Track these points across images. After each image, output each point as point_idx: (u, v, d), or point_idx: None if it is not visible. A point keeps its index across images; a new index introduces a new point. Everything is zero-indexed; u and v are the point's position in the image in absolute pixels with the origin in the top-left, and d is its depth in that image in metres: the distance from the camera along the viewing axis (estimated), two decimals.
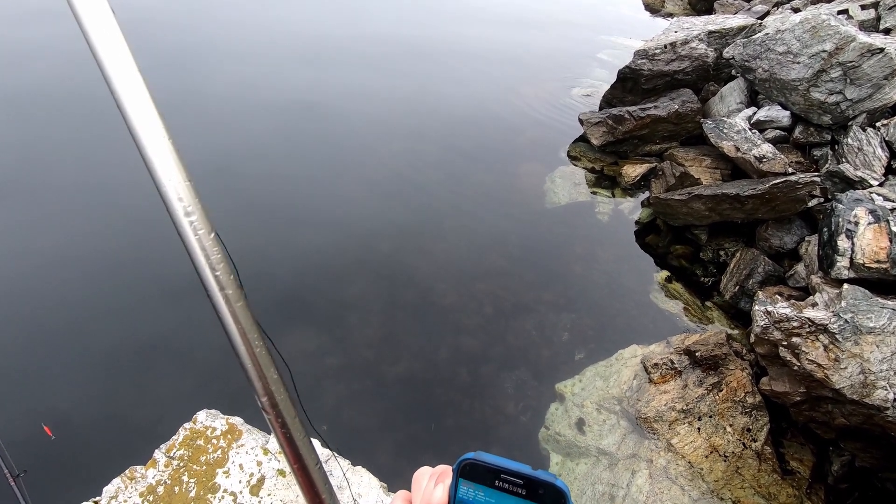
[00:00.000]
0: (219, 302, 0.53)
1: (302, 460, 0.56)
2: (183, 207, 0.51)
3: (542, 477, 0.47)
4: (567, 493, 0.46)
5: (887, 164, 4.98)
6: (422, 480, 0.53)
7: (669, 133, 6.90)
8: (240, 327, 0.53)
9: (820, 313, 3.76)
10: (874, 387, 3.45)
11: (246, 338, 0.54)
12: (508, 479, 0.47)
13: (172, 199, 0.51)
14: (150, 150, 0.51)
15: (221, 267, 0.52)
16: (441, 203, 6.57)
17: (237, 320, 0.53)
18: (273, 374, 0.55)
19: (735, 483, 3.78)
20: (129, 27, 0.52)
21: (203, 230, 0.52)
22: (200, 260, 0.52)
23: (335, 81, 8.83)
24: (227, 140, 7.03)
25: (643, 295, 5.46)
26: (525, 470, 0.47)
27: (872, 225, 3.98)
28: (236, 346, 0.54)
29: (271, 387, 0.55)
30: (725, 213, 5.46)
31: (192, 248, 0.51)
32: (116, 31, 0.50)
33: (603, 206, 6.63)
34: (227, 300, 0.53)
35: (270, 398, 0.55)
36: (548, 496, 0.46)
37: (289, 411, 0.56)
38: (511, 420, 4.37)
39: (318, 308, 5.08)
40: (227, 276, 0.53)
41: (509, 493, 0.47)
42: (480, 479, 0.48)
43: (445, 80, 9.27)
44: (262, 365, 0.54)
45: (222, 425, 1.74)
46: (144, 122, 0.51)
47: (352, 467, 1.66)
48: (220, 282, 0.52)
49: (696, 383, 4.27)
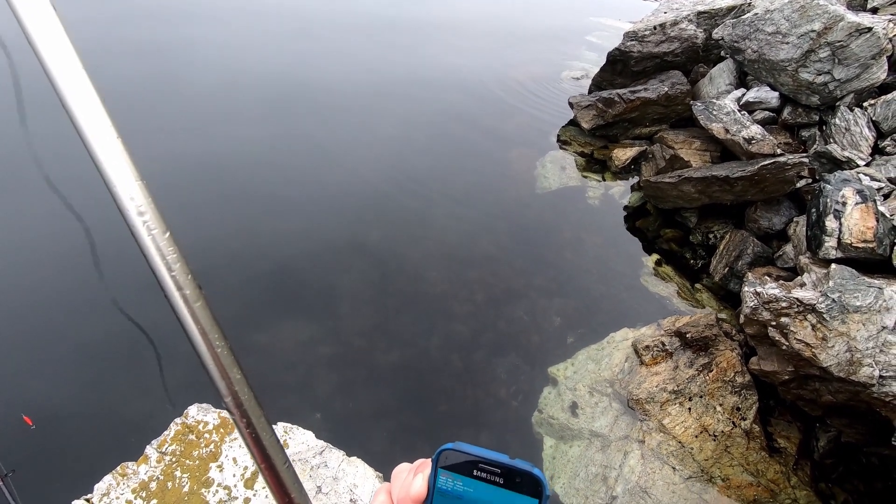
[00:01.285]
0: (177, 302, 0.51)
1: (269, 459, 0.55)
2: (135, 207, 0.49)
3: (520, 466, 0.48)
4: (544, 481, 0.47)
5: (874, 143, 5.01)
6: (401, 475, 0.53)
7: (659, 116, 6.88)
8: (199, 327, 0.52)
9: (808, 293, 3.80)
10: (860, 364, 3.51)
11: (206, 338, 0.52)
12: (486, 469, 0.48)
13: (124, 199, 0.49)
14: (100, 151, 0.49)
15: (178, 267, 0.50)
16: (431, 190, 6.52)
17: (196, 320, 0.52)
18: (236, 373, 0.54)
19: (724, 461, 3.85)
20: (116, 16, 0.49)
21: (157, 230, 0.50)
22: (156, 260, 0.50)
23: (321, 63, 8.67)
24: (212, 127, 6.90)
25: (634, 278, 5.50)
26: (502, 459, 0.48)
27: (860, 205, 4.02)
28: (197, 347, 0.52)
29: (235, 387, 0.53)
30: (715, 196, 5.48)
31: (147, 249, 0.50)
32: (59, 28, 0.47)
33: (593, 191, 6.62)
34: (185, 300, 0.51)
35: (234, 398, 0.53)
36: (525, 484, 0.47)
37: (254, 410, 0.55)
38: (504, 405, 4.40)
39: (308, 297, 5.04)
40: (185, 276, 0.51)
41: (487, 482, 0.47)
42: (459, 468, 0.48)
43: (434, 64, 9.14)
44: (225, 365, 0.53)
45: (214, 419, 1.72)
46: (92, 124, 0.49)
47: (347, 458, 1.65)
48: (177, 282, 0.51)
49: (687, 364, 4.32)
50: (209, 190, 5.96)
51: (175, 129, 6.75)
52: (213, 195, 5.90)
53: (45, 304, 4.53)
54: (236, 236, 5.45)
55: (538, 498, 0.47)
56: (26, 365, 4.08)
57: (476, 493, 0.48)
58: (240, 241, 5.40)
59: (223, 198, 5.89)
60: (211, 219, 5.63)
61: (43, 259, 4.87)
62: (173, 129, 6.77)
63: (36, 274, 4.77)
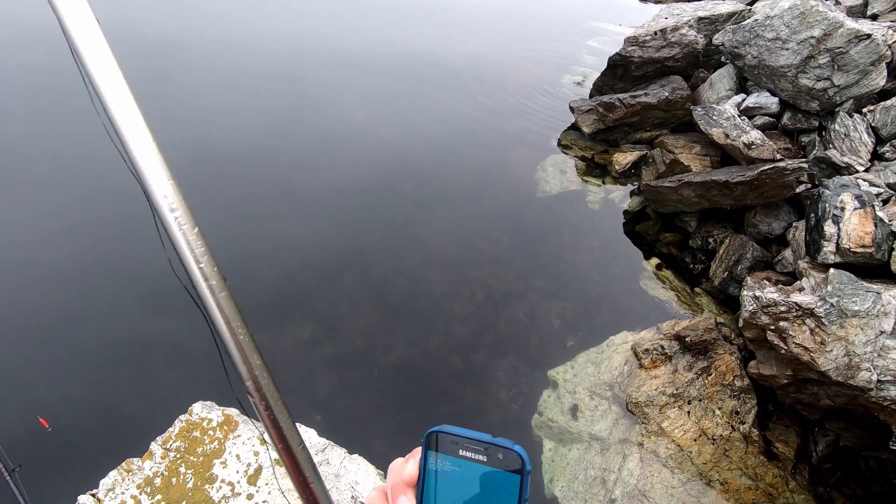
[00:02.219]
0: (204, 292, 0.55)
1: (286, 440, 0.59)
2: (168, 204, 0.53)
3: (501, 443, 0.51)
4: (524, 456, 0.50)
5: (873, 149, 5.04)
6: (395, 467, 0.56)
7: (660, 120, 6.91)
8: (224, 315, 0.56)
9: (807, 298, 3.82)
10: (858, 368, 3.53)
11: (230, 325, 0.56)
12: (470, 447, 0.51)
13: (158, 196, 0.53)
14: (137, 153, 0.53)
15: (205, 259, 0.54)
16: (432, 191, 6.55)
17: (221, 309, 0.56)
18: (256, 359, 0.58)
19: (723, 465, 3.87)
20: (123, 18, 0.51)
21: (187, 225, 0.54)
22: (186, 253, 0.54)
23: (322, 66, 8.72)
24: (213, 128, 6.94)
25: (633, 282, 5.52)
26: (485, 438, 0.51)
27: (858, 210, 4.04)
28: (222, 334, 0.57)
29: (255, 372, 0.58)
30: (715, 200, 5.51)
31: (178, 242, 0.54)
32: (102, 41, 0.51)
33: (594, 195, 6.65)
34: (211, 290, 0.55)
35: (255, 382, 0.57)
36: (507, 460, 0.50)
37: (272, 395, 0.59)
38: (504, 407, 4.42)
39: (310, 298, 5.07)
40: (211, 268, 0.55)
41: (472, 460, 0.51)
42: (446, 448, 0.52)
43: (435, 67, 9.19)
44: (247, 351, 0.57)
45: (218, 416, 1.75)
46: (131, 128, 0.53)
47: (349, 455, 1.67)
48: (204, 273, 0.55)
49: (686, 368, 4.34)
50: (209, 192, 5.99)
51: (177, 130, 6.80)
52: (214, 197, 5.94)
53: (52, 304, 4.56)
54: (237, 238, 5.48)
55: (520, 473, 0.50)
56: (33, 362, 4.11)
57: (462, 471, 0.51)
58: (241, 243, 5.43)
59: (224, 199, 5.92)
60: (212, 220, 5.66)
61: (48, 261, 4.90)
62: (175, 129, 6.81)
63: (42, 274, 4.80)
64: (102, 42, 0.51)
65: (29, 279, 4.72)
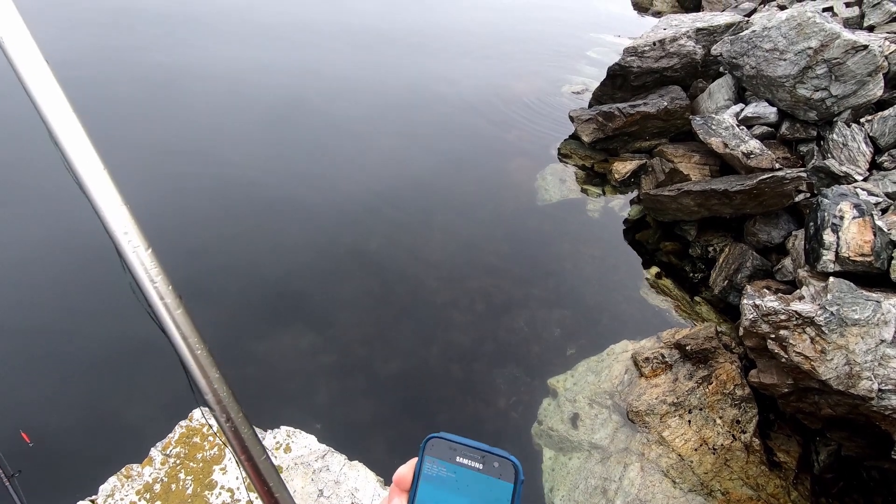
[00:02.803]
0: (160, 310, 0.57)
1: (248, 451, 0.60)
2: (121, 228, 0.55)
3: (497, 452, 0.52)
4: (518, 466, 0.51)
5: (871, 159, 5.07)
6: None
7: (659, 130, 6.96)
8: (181, 332, 0.58)
9: (807, 306, 3.82)
10: (859, 377, 3.53)
11: (187, 342, 0.58)
12: (467, 454, 0.52)
13: (111, 221, 0.55)
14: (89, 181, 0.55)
15: (159, 279, 0.56)
16: (432, 200, 6.58)
17: (178, 326, 0.57)
18: (215, 373, 0.59)
19: (724, 475, 3.84)
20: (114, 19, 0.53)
21: (140, 246, 0.55)
22: (139, 273, 0.56)
23: (322, 75, 8.79)
24: (211, 134, 6.98)
25: (633, 290, 5.52)
26: (482, 446, 0.53)
27: (857, 219, 4.06)
28: (179, 350, 0.58)
29: (214, 385, 0.59)
30: (714, 209, 5.53)
31: (131, 263, 0.55)
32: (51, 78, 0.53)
33: (593, 203, 6.68)
34: (167, 308, 0.56)
35: (214, 394, 0.58)
36: (502, 469, 0.51)
37: (232, 406, 0.60)
38: (504, 415, 4.40)
39: (310, 306, 5.07)
40: (166, 287, 0.57)
41: (468, 467, 0.52)
42: (443, 455, 0.53)
43: (435, 76, 9.27)
44: (205, 365, 0.58)
45: None
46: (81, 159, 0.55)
47: (348, 462, 1.67)
48: (159, 292, 0.56)
49: (687, 377, 4.33)
50: (210, 201, 6.02)
51: (176, 141, 6.84)
52: (215, 206, 5.96)
53: (52, 310, 4.57)
54: (238, 246, 5.50)
55: (513, 482, 0.51)
56: (32, 369, 4.10)
57: (457, 477, 0.52)
58: (241, 251, 5.44)
59: (224, 208, 5.95)
60: (212, 229, 5.68)
61: (46, 267, 4.91)
62: (175, 140, 6.86)
63: (42, 279, 4.81)
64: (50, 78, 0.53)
65: (27, 286, 4.73)
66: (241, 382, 4.19)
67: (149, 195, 5.80)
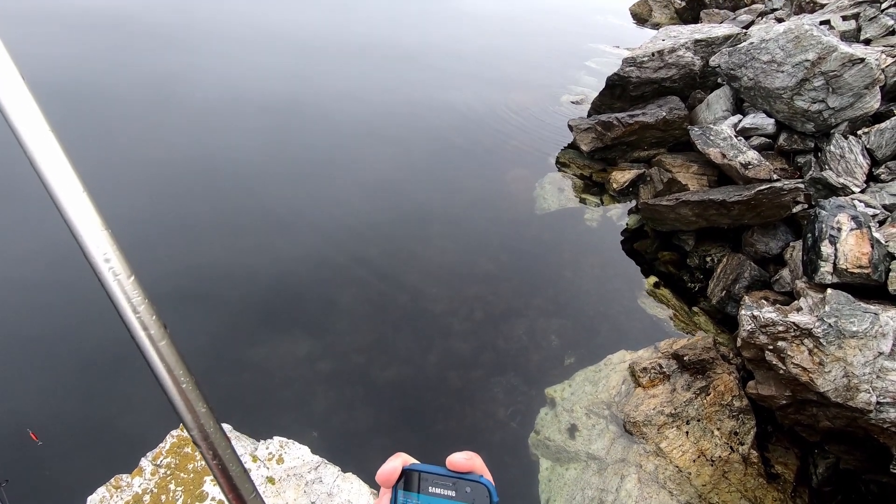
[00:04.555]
0: (143, 342, 0.55)
1: (237, 490, 0.58)
2: (101, 255, 0.53)
3: (468, 477, 0.52)
4: (491, 488, 0.51)
5: (868, 171, 5.09)
6: None
7: (657, 139, 6.98)
8: (165, 365, 0.55)
9: (805, 318, 3.82)
10: (857, 390, 3.51)
11: (172, 374, 0.56)
12: (438, 483, 0.52)
13: (91, 247, 0.53)
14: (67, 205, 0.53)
15: (143, 308, 0.54)
16: (431, 209, 6.58)
17: (162, 358, 0.55)
18: (202, 407, 0.57)
19: (722, 487, 3.81)
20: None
21: (122, 274, 0.54)
22: (122, 303, 0.54)
23: (322, 84, 8.83)
24: (211, 142, 6.99)
25: (631, 300, 5.51)
26: (452, 473, 0.52)
27: (854, 231, 4.06)
28: (163, 383, 0.56)
29: (201, 420, 0.57)
30: (712, 219, 5.53)
31: (113, 292, 0.54)
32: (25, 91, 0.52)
33: (592, 213, 6.68)
34: (150, 339, 0.55)
35: (201, 430, 0.56)
36: (475, 493, 0.51)
37: (220, 442, 0.57)
38: (501, 425, 4.37)
39: (308, 314, 5.05)
40: (150, 317, 0.55)
41: (441, 496, 0.51)
42: (415, 486, 0.52)
43: (434, 86, 9.31)
44: (191, 399, 0.56)
45: None
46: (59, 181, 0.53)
47: (342, 474, 1.65)
48: (142, 322, 0.54)
49: (685, 387, 4.31)
50: (208, 206, 6.02)
51: (173, 143, 6.85)
52: (213, 211, 5.96)
53: (40, 315, 4.54)
54: (236, 252, 5.49)
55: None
56: (21, 377, 4.07)
57: None
58: (239, 258, 5.43)
59: (222, 213, 5.94)
60: (210, 235, 5.67)
61: (34, 272, 4.89)
62: (172, 142, 6.87)
63: (29, 287, 4.78)
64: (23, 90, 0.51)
65: (16, 291, 4.71)
66: (235, 390, 4.16)
67: (144, 201, 5.80)
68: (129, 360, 4.16)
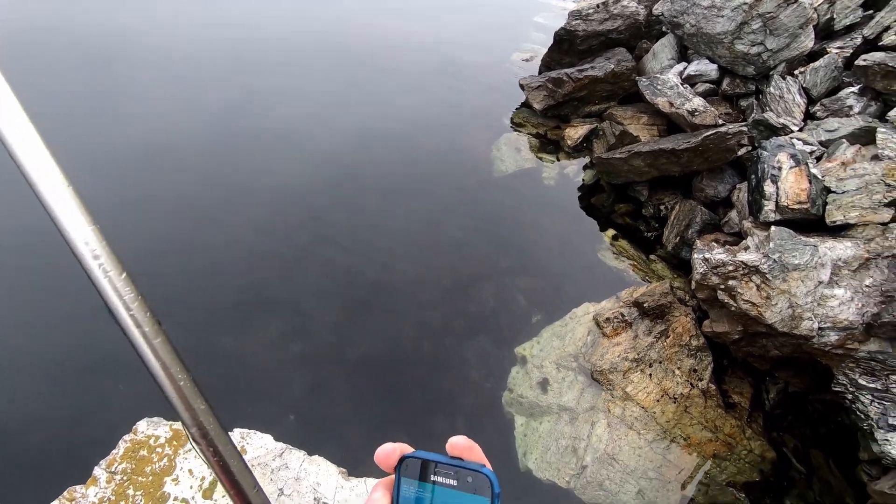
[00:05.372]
0: (137, 340, 0.52)
1: (238, 485, 0.57)
2: (90, 251, 0.50)
3: (470, 466, 0.51)
4: (493, 479, 0.51)
5: (805, 109, 5.28)
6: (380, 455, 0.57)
7: (608, 93, 7.02)
8: (161, 362, 0.53)
9: (752, 256, 4.01)
10: (801, 318, 3.75)
11: (169, 372, 0.53)
12: (441, 472, 0.52)
13: (79, 244, 0.50)
14: (53, 201, 0.49)
15: (136, 305, 0.52)
16: (389, 179, 6.49)
17: (158, 356, 0.53)
18: (200, 404, 0.55)
19: (685, 421, 4.06)
20: None
21: (113, 271, 0.51)
22: (113, 301, 0.51)
23: (269, 65, 8.43)
24: (161, 125, 6.63)
25: (592, 254, 5.65)
26: (455, 462, 0.52)
27: (794, 169, 4.24)
28: (160, 381, 0.54)
29: (200, 417, 0.55)
30: (663, 168, 5.67)
31: (104, 290, 0.51)
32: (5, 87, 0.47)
33: (549, 171, 6.74)
34: (145, 337, 0.52)
35: (200, 428, 0.55)
36: (476, 483, 0.51)
37: (220, 438, 0.56)
38: (476, 388, 4.48)
39: (273, 296, 4.97)
40: (143, 314, 0.52)
41: (443, 485, 0.51)
42: (417, 475, 0.52)
43: (385, 52, 9.02)
44: (189, 397, 0.54)
45: (166, 432, 1.68)
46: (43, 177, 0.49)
47: (308, 457, 1.66)
48: (136, 320, 0.52)
49: (646, 333, 4.50)
50: (160, 188, 5.75)
51: (119, 118, 6.46)
52: (165, 193, 5.70)
53: None
54: (193, 238, 5.30)
55: (489, 496, 0.51)
56: None
57: (433, 496, 0.51)
58: (197, 243, 5.25)
59: (175, 195, 5.69)
60: (163, 221, 5.45)
61: None
62: (117, 114, 6.48)
63: None
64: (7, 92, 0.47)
65: None
66: (202, 380, 4.09)
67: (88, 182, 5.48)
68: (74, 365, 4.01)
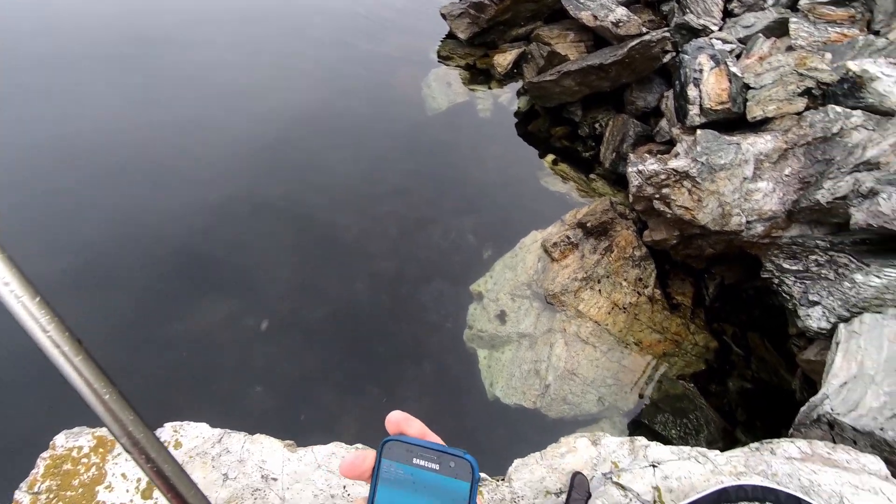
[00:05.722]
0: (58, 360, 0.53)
1: (175, 489, 0.58)
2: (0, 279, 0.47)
3: (452, 451, 0.53)
4: (474, 464, 0.53)
5: (724, 7, 5.28)
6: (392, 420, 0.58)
7: (532, 13, 6.79)
8: (84, 380, 0.53)
9: (681, 162, 4.12)
10: (730, 216, 3.94)
11: (93, 388, 0.54)
12: (423, 455, 0.53)
13: None
14: None
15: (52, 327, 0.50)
16: (323, 133, 6.18)
17: (80, 374, 0.53)
18: (129, 415, 0.56)
19: (635, 328, 4.30)
20: None
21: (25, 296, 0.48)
22: (29, 324, 0.50)
23: (182, 29, 7.61)
24: (82, 103, 5.96)
25: (534, 182, 5.68)
26: (436, 446, 0.54)
27: (714, 69, 4.29)
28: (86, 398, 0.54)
29: (129, 427, 0.55)
30: (594, 85, 5.63)
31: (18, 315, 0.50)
32: None
33: (483, 102, 6.58)
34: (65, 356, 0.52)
35: (130, 438, 0.56)
36: (458, 468, 0.53)
37: (152, 445, 0.57)
38: (437, 329, 4.56)
39: (220, 270, 4.77)
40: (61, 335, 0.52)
41: (424, 468, 0.53)
42: (400, 457, 0.54)
43: (292, 11, 8.30)
44: (116, 410, 0.55)
45: (89, 441, 1.60)
46: None
47: (249, 437, 1.64)
48: (54, 341, 0.51)
49: (592, 251, 4.64)
50: (81, 171, 5.26)
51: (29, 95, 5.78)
52: (87, 176, 5.22)
53: None
54: (125, 218, 4.94)
55: (470, 481, 0.52)
56: None
57: (414, 479, 0.53)
58: (130, 224, 4.90)
59: (99, 177, 5.23)
60: (89, 204, 5.02)
61: None
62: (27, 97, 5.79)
63: None
64: None
65: None
66: (153, 371, 3.96)
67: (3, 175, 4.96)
68: None
